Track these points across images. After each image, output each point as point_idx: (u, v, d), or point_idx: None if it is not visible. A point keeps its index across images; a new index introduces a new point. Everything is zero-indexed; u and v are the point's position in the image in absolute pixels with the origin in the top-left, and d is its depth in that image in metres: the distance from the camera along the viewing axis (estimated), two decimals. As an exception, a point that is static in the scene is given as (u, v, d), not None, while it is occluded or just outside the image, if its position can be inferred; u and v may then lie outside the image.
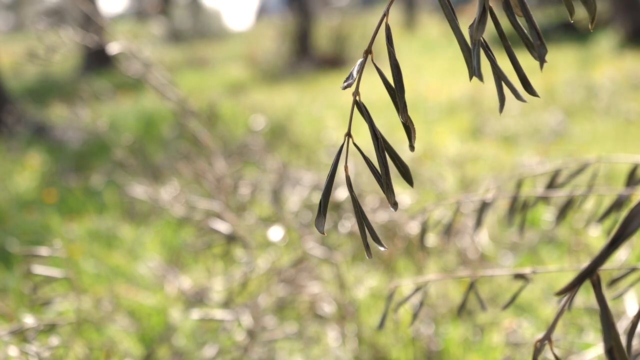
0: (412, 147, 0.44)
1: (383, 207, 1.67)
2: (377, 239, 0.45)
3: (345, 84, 0.43)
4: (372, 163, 0.45)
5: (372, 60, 0.44)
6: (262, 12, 23.76)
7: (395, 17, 15.91)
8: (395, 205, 0.44)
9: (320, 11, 11.03)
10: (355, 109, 0.45)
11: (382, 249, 0.45)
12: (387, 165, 0.45)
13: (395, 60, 0.44)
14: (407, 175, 0.46)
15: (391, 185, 0.44)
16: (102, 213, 3.11)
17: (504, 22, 0.44)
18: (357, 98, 0.44)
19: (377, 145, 0.45)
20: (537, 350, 0.44)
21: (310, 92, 7.16)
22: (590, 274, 0.39)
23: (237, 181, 1.69)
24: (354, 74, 0.43)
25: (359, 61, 0.44)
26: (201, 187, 1.87)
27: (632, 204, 0.41)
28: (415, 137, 0.44)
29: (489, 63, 0.44)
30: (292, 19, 10.32)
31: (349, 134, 0.45)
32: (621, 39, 8.06)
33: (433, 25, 14.52)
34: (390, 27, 0.44)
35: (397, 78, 0.44)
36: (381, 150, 0.44)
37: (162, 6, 16.45)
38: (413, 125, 0.44)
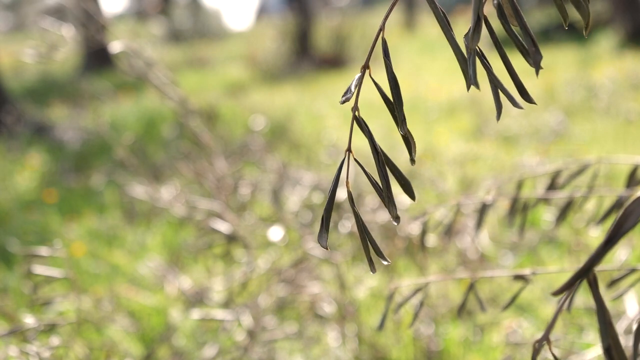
0: (412, 161, 0.44)
1: (383, 208, 1.67)
2: (380, 254, 0.45)
3: (344, 98, 0.43)
4: (372, 177, 0.46)
5: (370, 75, 0.45)
6: (262, 12, 23.75)
7: (395, 17, 15.91)
8: (397, 219, 0.45)
9: (320, 11, 11.03)
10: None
11: (385, 262, 0.45)
12: (389, 179, 0.45)
13: (393, 73, 0.44)
14: (408, 189, 0.46)
15: (393, 199, 0.44)
16: (102, 213, 3.11)
17: (499, 29, 0.44)
18: (357, 114, 0.44)
19: (377, 159, 0.45)
20: (536, 350, 0.44)
21: (310, 92, 7.16)
22: (586, 273, 0.39)
23: (237, 181, 1.69)
24: (352, 88, 0.43)
25: (356, 76, 0.44)
26: (201, 187, 1.87)
27: (628, 202, 0.41)
28: (415, 150, 0.45)
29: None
30: (292, 19, 10.32)
31: (349, 150, 0.45)
32: (621, 39, 8.06)
33: (433, 26, 14.51)
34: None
35: (395, 91, 0.44)
36: (382, 164, 0.45)
37: (162, 6, 16.44)
38: (413, 138, 0.44)
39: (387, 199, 0.45)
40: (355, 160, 0.45)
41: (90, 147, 4.78)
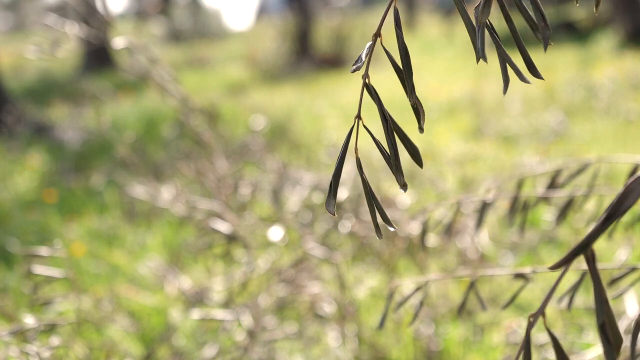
0: (421, 129, 0.45)
1: (383, 207, 1.67)
2: (387, 220, 0.46)
3: (354, 67, 0.43)
4: (381, 145, 0.46)
5: (382, 43, 0.44)
6: (262, 12, 23.75)
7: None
8: (404, 186, 0.45)
9: (320, 11, 11.03)
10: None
11: (391, 229, 0.45)
12: (397, 146, 0.45)
13: (404, 43, 0.44)
14: (416, 156, 0.46)
15: (400, 167, 0.45)
16: (102, 213, 3.11)
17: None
18: (367, 80, 0.44)
19: (386, 127, 0.45)
20: (531, 324, 0.44)
21: (310, 92, 7.16)
22: (584, 249, 0.39)
23: (238, 181, 1.69)
24: (363, 57, 0.43)
25: (367, 44, 0.44)
26: (202, 187, 1.87)
27: (629, 180, 0.41)
28: (424, 119, 0.45)
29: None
30: (292, 19, 10.32)
31: (358, 117, 0.45)
32: (621, 39, 8.06)
33: (433, 25, 14.51)
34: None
35: (405, 60, 0.44)
36: (390, 132, 0.45)
37: (162, 6, 16.44)
38: (422, 107, 0.44)
39: (395, 167, 0.45)
40: (365, 127, 0.45)
41: (90, 147, 4.78)
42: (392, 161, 0.45)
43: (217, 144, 1.66)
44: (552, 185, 0.96)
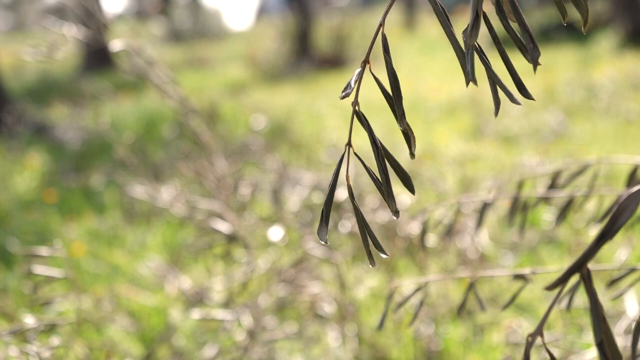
0: (412, 155, 0.44)
1: (383, 207, 1.67)
2: (379, 247, 0.45)
3: (344, 93, 0.43)
4: (372, 171, 0.46)
5: (370, 70, 0.45)
6: (262, 12, 23.76)
7: (395, 17, 15.91)
8: (396, 213, 0.45)
9: (320, 11, 11.03)
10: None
11: (384, 256, 0.45)
12: (388, 173, 0.45)
13: (393, 69, 0.44)
14: (407, 183, 0.46)
15: (392, 193, 0.45)
16: (102, 213, 3.11)
17: (498, 26, 0.45)
18: (357, 108, 0.44)
19: (377, 153, 0.45)
20: (529, 344, 0.44)
21: (311, 92, 7.16)
22: (580, 268, 0.40)
23: (238, 181, 1.69)
24: (352, 83, 0.44)
25: (356, 71, 0.44)
26: (202, 187, 1.87)
27: (622, 198, 0.41)
28: (415, 144, 0.45)
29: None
30: (292, 19, 10.32)
31: (349, 144, 0.45)
32: (621, 39, 8.06)
33: (433, 25, 14.50)
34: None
35: (394, 86, 0.44)
36: (381, 158, 0.45)
37: (162, 6, 16.45)
38: (412, 133, 0.45)
39: (387, 193, 0.45)
40: (356, 154, 0.45)
41: (90, 147, 4.78)
42: (384, 187, 0.45)
43: (216, 144, 1.66)
44: (553, 185, 0.96)
